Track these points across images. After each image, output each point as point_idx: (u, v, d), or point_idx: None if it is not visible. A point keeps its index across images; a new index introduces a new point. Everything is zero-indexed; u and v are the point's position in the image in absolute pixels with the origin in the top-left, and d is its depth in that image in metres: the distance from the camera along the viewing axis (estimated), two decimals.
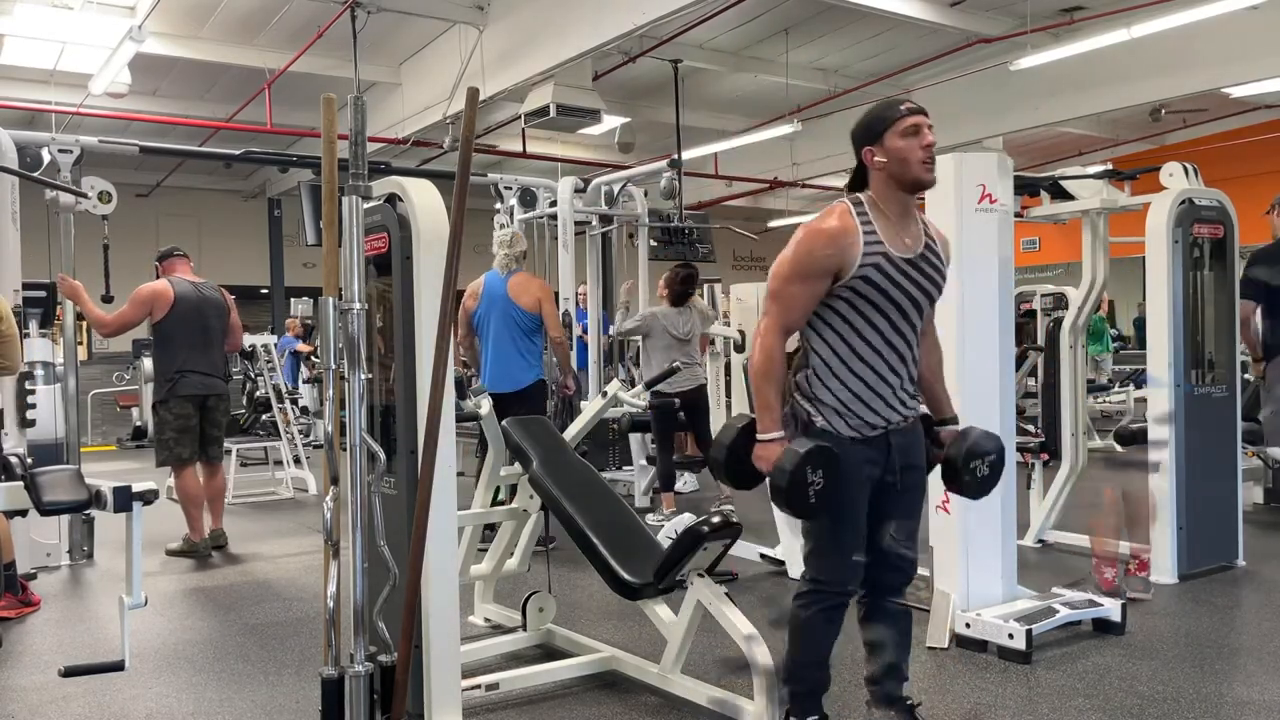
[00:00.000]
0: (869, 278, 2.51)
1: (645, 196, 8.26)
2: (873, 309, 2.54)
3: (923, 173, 2.53)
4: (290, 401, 8.91)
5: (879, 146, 2.55)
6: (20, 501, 2.78)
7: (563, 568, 4.88)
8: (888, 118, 2.55)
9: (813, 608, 2.66)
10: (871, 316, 2.55)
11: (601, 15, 7.69)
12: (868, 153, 2.59)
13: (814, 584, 2.67)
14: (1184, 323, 4.68)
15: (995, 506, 3.82)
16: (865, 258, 2.50)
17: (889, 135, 2.54)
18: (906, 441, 2.66)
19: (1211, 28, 8.42)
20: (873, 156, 2.57)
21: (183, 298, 5.65)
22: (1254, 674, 3.44)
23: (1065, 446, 5.47)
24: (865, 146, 2.59)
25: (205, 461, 5.79)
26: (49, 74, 9.74)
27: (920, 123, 2.53)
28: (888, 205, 2.57)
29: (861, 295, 2.53)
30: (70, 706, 3.35)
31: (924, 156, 2.52)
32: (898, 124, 2.53)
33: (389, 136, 10.86)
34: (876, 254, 2.51)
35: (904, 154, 2.52)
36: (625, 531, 3.40)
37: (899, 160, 2.52)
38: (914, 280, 2.57)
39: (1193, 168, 4.93)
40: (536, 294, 5.55)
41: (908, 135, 2.52)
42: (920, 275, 2.58)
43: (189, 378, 5.62)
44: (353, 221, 2.31)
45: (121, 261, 6.32)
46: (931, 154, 2.55)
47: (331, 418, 2.46)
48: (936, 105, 3.35)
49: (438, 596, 2.90)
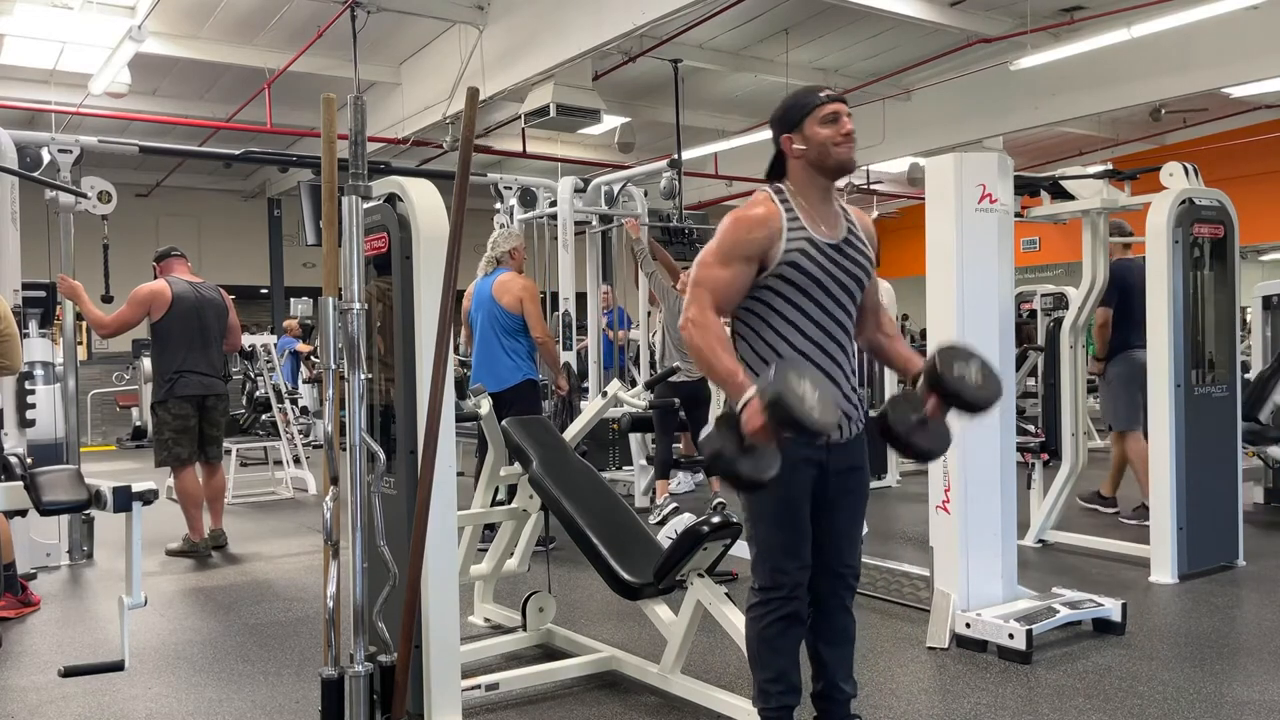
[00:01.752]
0: (795, 263, 2.47)
1: (645, 196, 8.26)
2: (802, 295, 2.49)
3: (842, 157, 2.52)
4: (290, 401, 8.91)
5: (798, 134, 2.53)
6: (20, 501, 2.78)
7: (563, 568, 4.88)
8: (807, 104, 2.53)
9: (765, 619, 2.57)
10: (801, 303, 2.50)
11: (601, 15, 7.69)
12: (786, 140, 2.56)
13: (762, 593, 2.58)
14: (1184, 323, 4.69)
15: (995, 506, 3.82)
16: (790, 243, 2.47)
17: (808, 122, 2.52)
18: (844, 440, 2.56)
19: (1211, 28, 8.42)
20: (791, 144, 2.55)
21: (180, 298, 5.65)
22: (1254, 674, 3.44)
23: (1065, 446, 5.48)
24: (784, 134, 2.57)
25: (204, 462, 5.79)
26: (49, 74, 9.74)
27: (839, 110, 2.52)
28: (808, 192, 2.55)
29: (789, 282, 2.48)
30: (70, 706, 3.35)
31: (843, 143, 2.51)
32: (817, 111, 2.51)
33: (389, 136, 10.86)
34: (801, 239, 2.49)
35: (823, 141, 2.50)
36: (625, 531, 3.39)
37: (818, 147, 2.50)
38: (840, 265, 2.53)
39: (1193, 168, 4.93)
40: (518, 293, 5.52)
41: (827, 122, 2.50)
42: (847, 260, 2.55)
43: (187, 378, 5.62)
44: (353, 221, 2.31)
45: (121, 261, 6.32)
46: (850, 140, 2.53)
47: (331, 418, 2.46)
48: (936, 105, 3.36)
49: (438, 596, 2.90)
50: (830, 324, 2.53)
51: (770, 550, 2.56)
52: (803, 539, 2.55)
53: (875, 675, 3.47)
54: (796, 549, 2.55)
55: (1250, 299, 6.83)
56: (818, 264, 2.50)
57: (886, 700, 3.25)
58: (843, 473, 2.58)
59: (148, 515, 2.74)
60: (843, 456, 2.57)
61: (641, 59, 9.70)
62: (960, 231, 3.78)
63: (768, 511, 2.54)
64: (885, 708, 3.18)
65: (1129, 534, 5.43)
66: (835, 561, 2.63)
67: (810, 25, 9.66)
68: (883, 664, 3.58)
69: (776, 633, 2.57)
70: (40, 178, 5.54)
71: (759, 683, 2.63)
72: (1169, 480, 4.61)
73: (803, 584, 2.57)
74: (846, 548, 2.65)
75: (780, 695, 2.61)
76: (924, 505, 3.95)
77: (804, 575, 2.57)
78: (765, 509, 2.55)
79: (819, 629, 2.66)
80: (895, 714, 3.14)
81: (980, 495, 3.80)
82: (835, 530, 2.61)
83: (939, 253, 3.86)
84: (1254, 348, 6.74)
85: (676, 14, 7.32)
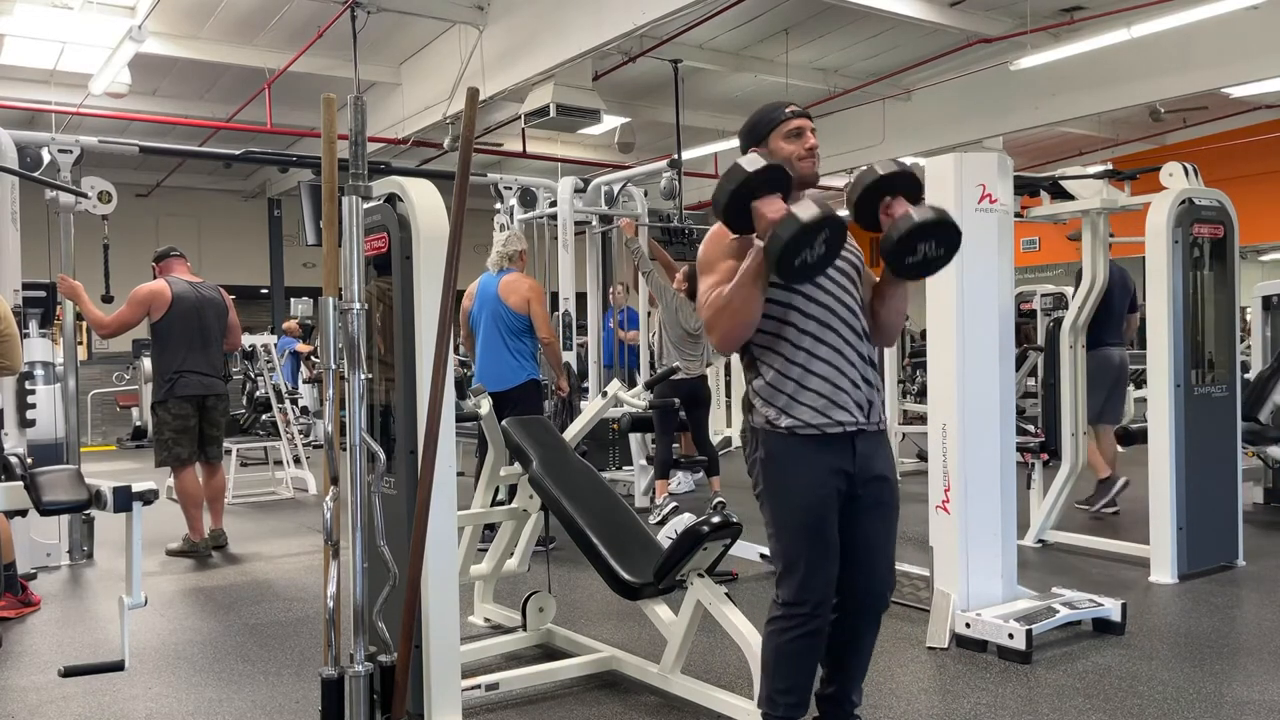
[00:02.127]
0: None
1: (645, 196, 8.26)
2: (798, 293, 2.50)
3: (806, 169, 2.57)
4: (290, 401, 8.91)
5: (763, 148, 2.59)
6: (20, 501, 2.78)
7: (563, 568, 4.88)
8: (773, 119, 2.60)
9: (787, 634, 2.53)
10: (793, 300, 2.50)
11: (601, 15, 7.69)
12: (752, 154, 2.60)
13: (785, 607, 2.54)
14: (1184, 323, 4.69)
15: (995, 506, 3.82)
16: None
17: (773, 137, 2.59)
18: (870, 449, 2.57)
19: (1211, 28, 8.42)
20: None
21: (180, 298, 5.65)
22: (1254, 674, 3.44)
23: (1065, 446, 5.48)
24: (750, 148, 2.61)
25: (204, 462, 5.79)
26: (49, 74, 9.73)
27: (804, 125, 2.59)
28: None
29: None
30: (70, 706, 3.35)
31: (806, 157, 2.57)
32: (781, 126, 2.58)
33: (389, 136, 10.86)
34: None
35: (787, 155, 2.55)
36: (625, 531, 3.39)
37: (783, 161, 2.52)
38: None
39: (1193, 168, 4.94)
40: (525, 294, 5.51)
41: (791, 138, 2.57)
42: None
43: (188, 378, 5.62)
44: (353, 221, 2.31)
45: (121, 262, 6.32)
46: (814, 155, 2.59)
47: (331, 418, 2.46)
48: (936, 105, 3.36)
49: (438, 596, 2.90)
50: (827, 315, 2.53)
51: (795, 565, 2.52)
52: (829, 553, 2.52)
53: (875, 675, 3.46)
54: (822, 564, 2.52)
55: (1250, 299, 6.83)
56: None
57: (886, 700, 3.25)
58: (870, 481, 2.56)
59: (148, 515, 2.74)
60: (867, 463, 2.55)
61: (641, 59, 9.70)
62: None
63: (793, 523, 2.52)
64: (885, 708, 3.18)
65: (1129, 534, 5.43)
66: (868, 576, 2.59)
67: (810, 25, 9.65)
68: (883, 664, 3.58)
69: (797, 650, 2.54)
70: (40, 178, 5.54)
71: (769, 690, 2.61)
72: (1169, 480, 4.61)
73: (827, 600, 2.54)
74: (881, 562, 2.61)
75: (789, 707, 2.59)
76: (924, 505, 3.95)
77: (829, 591, 2.54)
78: (790, 520, 2.52)
79: (843, 638, 2.64)
80: (895, 714, 3.14)
81: (980, 495, 3.81)
82: (867, 543, 2.58)
83: None
84: (1254, 348, 6.74)
85: (676, 14, 7.31)
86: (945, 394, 3.85)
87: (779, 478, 2.53)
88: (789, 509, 2.52)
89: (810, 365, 2.51)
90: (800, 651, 2.55)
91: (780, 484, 2.53)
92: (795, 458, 2.51)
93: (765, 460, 2.55)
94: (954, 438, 3.80)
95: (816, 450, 2.50)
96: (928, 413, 4.12)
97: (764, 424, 2.54)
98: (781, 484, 2.53)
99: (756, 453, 2.57)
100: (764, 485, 2.57)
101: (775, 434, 2.52)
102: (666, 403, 6.07)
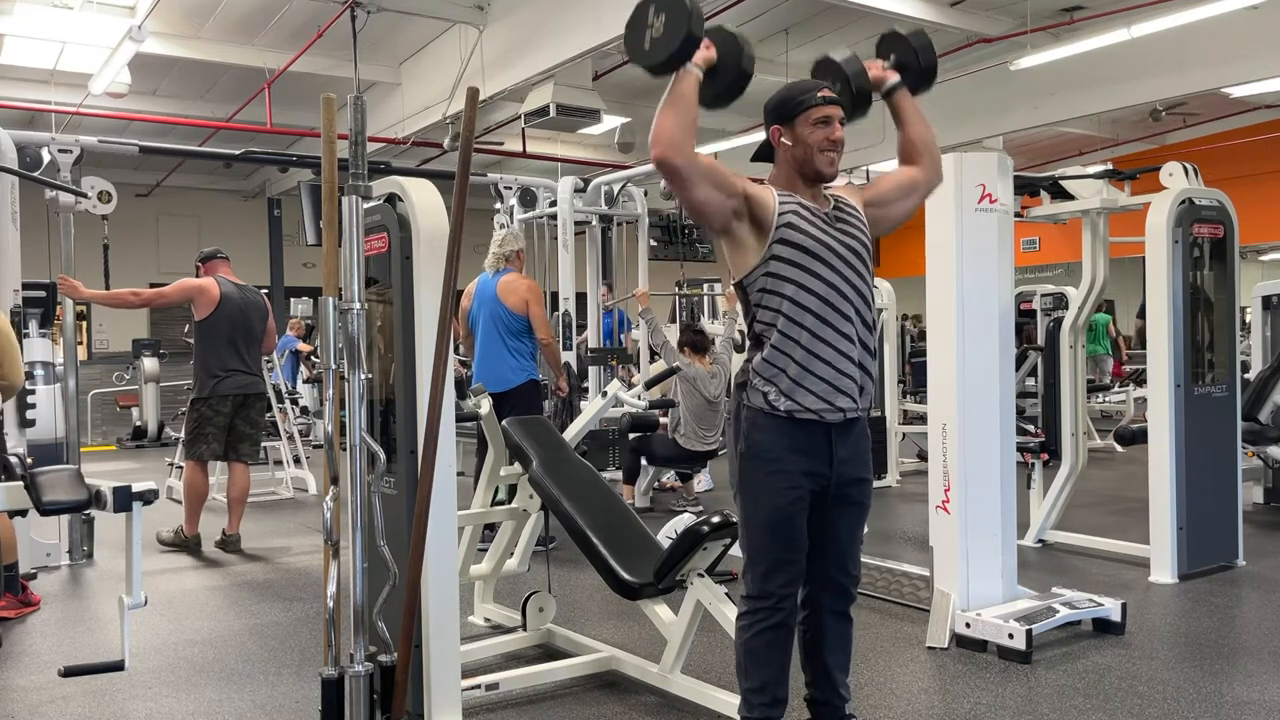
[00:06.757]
0: (792, 224, 2.48)
1: (645, 196, 8.25)
2: (807, 257, 2.47)
3: (824, 165, 2.53)
4: (290, 401, 8.90)
5: (788, 129, 2.54)
6: (20, 501, 2.78)
7: (563, 568, 4.88)
8: (803, 101, 2.53)
9: (752, 629, 2.54)
10: (800, 277, 2.47)
11: (601, 15, 7.69)
12: (775, 131, 2.57)
13: (749, 601, 2.55)
14: (1184, 323, 4.69)
15: (995, 506, 3.83)
16: (782, 207, 2.49)
17: (800, 120, 2.53)
18: (849, 453, 2.55)
19: (1211, 28, 8.42)
20: (779, 137, 2.57)
21: (228, 298, 5.71)
22: (1254, 673, 3.44)
23: (1065, 446, 5.48)
24: (775, 124, 2.57)
25: (236, 459, 5.81)
26: (49, 74, 9.73)
27: (833, 114, 2.52)
28: (791, 187, 2.58)
29: (792, 245, 2.47)
30: (70, 706, 3.35)
31: (829, 149, 2.52)
32: (811, 111, 2.52)
33: (389, 136, 10.86)
34: (793, 204, 2.51)
35: (809, 142, 2.51)
36: (625, 531, 3.40)
37: (804, 147, 2.51)
38: (835, 235, 2.53)
39: (1193, 168, 4.94)
40: (524, 295, 5.50)
41: (818, 125, 2.51)
42: (843, 225, 2.56)
43: (234, 377, 5.69)
44: (353, 221, 2.31)
45: (121, 261, 6.32)
46: (837, 149, 2.53)
47: (331, 418, 2.46)
48: (937, 105, 3.37)
49: (438, 596, 2.90)
50: (834, 295, 2.50)
51: (759, 559, 2.54)
52: (796, 552, 2.53)
53: (875, 675, 3.47)
54: (788, 562, 2.52)
55: (1250, 299, 6.83)
56: (815, 226, 2.50)
57: (886, 700, 3.25)
58: (846, 483, 2.56)
59: (148, 515, 2.74)
60: (843, 466, 2.54)
61: None
62: (960, 231, 3.79)
63: (762, 519, 2.52)
64: (885, 708, 3.18)
65: (1129, 534, 5.43)
66: (836, 570, 2.61)
67: (810, 25, 9.66)
68: (882, 664, 3.58)
69: (762, 644, 2.55)
70: (40, 178, 5.53)
71: (742, 691, 2.62)
72: (1169, 480, 4.61)
73: (791, 595, 2.54)
74: (848, 556, 2.63)
75: (763, 707, 2.58)
76: (924, 505, 3.95)
77: (794, 588, 2.55)
78: (759, 515, 2.52)
79: (819, 636, 2.65)
80: (895, 714, 3.14)
81: (980, 495, 3.81)
82: (837, 539, 2.60)
83: (939, 253, 3.86)
84: (1254, 348, 6.74)
85: None
86: (945, 394, 3.86)
87: (755, 474, 2.53)
88: (761, 507, 2.52)
89: (814, 348, 2.48)
90: (766, 646, 2.54)
91: (755, 481, 2.53)
92: (777, 454, 2.49)
93: (745, 455, 2.54)
94: (954, 438, 3.80)
95: (806, 437, 2.48)
96: (928, 413, 4.12)
97: (761, 403, 2.50)
98: (756, 481, 2.53)
99: (739, 444, 2.56)
100: (739, 479, 2.58)
101: (769, 416, 2.49)
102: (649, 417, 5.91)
